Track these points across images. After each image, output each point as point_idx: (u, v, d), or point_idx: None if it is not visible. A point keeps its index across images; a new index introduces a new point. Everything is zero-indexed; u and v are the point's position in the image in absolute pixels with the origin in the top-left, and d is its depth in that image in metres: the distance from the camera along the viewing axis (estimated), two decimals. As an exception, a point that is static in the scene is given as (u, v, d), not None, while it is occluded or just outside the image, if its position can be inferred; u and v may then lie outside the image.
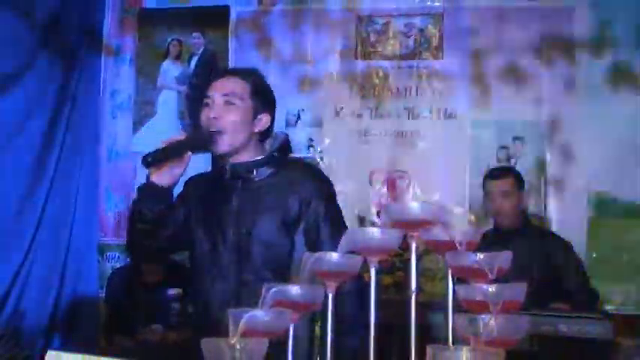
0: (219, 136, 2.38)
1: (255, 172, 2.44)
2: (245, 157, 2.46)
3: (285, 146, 2.55)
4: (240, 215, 2.41)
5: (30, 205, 4.74)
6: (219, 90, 2.44)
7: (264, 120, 2.48)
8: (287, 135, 2.61)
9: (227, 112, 2.41)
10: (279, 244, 2.39)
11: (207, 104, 2.44)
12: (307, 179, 2.48)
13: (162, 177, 2.37)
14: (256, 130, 2.47)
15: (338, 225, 2.43)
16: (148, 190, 2.40)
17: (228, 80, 2.48)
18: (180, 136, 2.45)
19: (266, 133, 2.52)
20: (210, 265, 2.43)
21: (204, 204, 2.50)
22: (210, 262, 2.43)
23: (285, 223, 2.40)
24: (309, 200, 2.41)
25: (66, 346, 4.58)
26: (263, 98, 2.50)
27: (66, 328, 4.79)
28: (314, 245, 2.35)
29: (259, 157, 2.47)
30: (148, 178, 2.39)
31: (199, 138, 2.43)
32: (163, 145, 2.36)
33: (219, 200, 2.46)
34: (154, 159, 2.30)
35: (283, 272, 2.31)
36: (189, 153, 2.36)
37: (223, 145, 2.40)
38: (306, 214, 2.41)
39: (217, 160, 2.52)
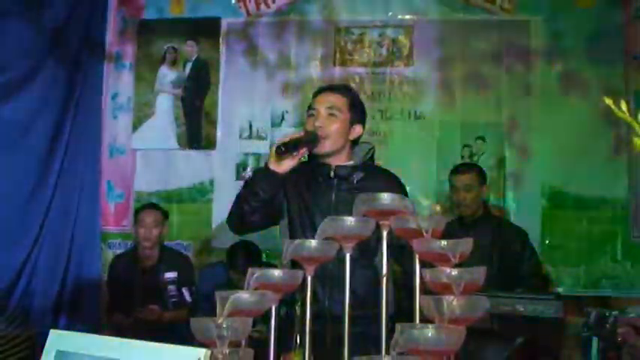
0: (323, 140, 2.51)
1: (354, 175, 2.56)
2: (340, 159, 2.59)
3: (373, 155, 2.68)
4: (338, 209, 2.48)
5: (38, 197, 4.70)
6: (323, 103, 2.58)
7: (357, 129, 2.62)
8: (373, 146, 2.71)
9: (330, 121, 2.54)
10: (370, 240, 2.46)
11: (312, 114, 2.58)
12: (394, 186, 2.55)
13: (280, 165, 2.47)
14: (351, 138, 2.61)
15: None
16: (265, 174, 2.51)
17: (330, 95, 2.61)
18: (299, 134, 2.55)
19: (356, 141, 2.65)
20: None
21: (301, 192, 2.60)
22: None
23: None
24: None
25: (71, 325, 4.55)
26: (358, 111, 2.64)
27: (71, 309, 4.75)
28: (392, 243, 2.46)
29: (352, 162, 2.60)
30: (265, 164, 2.51)
31: (313, 138, 2.51)
32: (291, 139, 2.48)
33: (320, 193, 2.56)
34: (287, 149, 2.43)
35: (371, 257, 2.39)
36: (306, 149, 2.49)
37: (325, 147, 2.54)
38: None
39: (315, 158, 2.61)
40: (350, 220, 1.46)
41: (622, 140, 4.52)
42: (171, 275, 4.24)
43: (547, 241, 4.56)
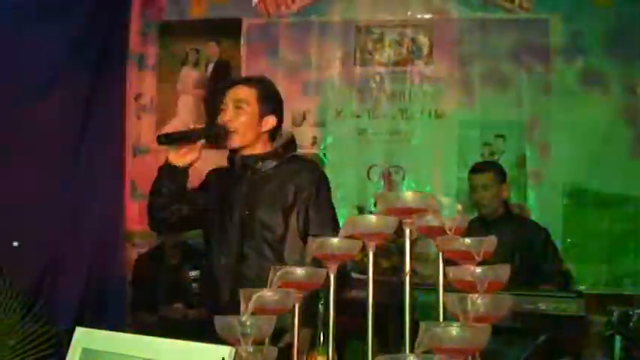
0: (231, 134, 2.50)
1: (261, 164, 2.53)
2: (255, 151, 2.55)
3: (291, 143, 2.62)
4: (246, 200, 2.51)
5: (63, 197, 4.72)
6: (231, 97, 2.56)
7: (270, 121, 2.57)
8: (292, 134, 2.68)
9: (237, 115, 2.52)
10: (276, 226, 2.46)
11: (222, 109, 2.56)
12: (303, 170, 2.55)
13: (178, 159, 2.45)
14: (263, 130, 2.56)
15: (325, 210, 2.52)
16: (166, 169, 2.49)
17: (239, 88, 2.59)
18: (197, 126, 2.57)
19: (275, 132, 2.60)
20: (219, 243, 2.52)
21: (220, 190, 2.60)
22: (219, 240, 2.52)
23: (282, 208, 2.48)
24: (302, 188, 2.49)
25: (96, 324, 4.56)
26: (269, 102, 2.59)
27: (96, 308, 4.77)
28: (303, 227, 2.47)
29: (266, 151, 2.56)
30: (166, 159, 2.47)
31: (214, 131, 2.52)
32: (181, 131, 2.52)
33: (230, 187, 2.55)
34: (167, 139, 2.41)
35: (279, 250, 2.45)
36: (203, 141, 2.44)
37: (235, 141, 2.52)
38: (299, 201, 2.49)
39: (231, 153, 2.59)
40: (372, 219, 1.45)
41: (643, 137, 4.49)
42: (195, 273, 4.25)
43: (568, 240, 4.51)
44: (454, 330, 1.16)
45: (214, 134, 2.50)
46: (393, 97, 4.86)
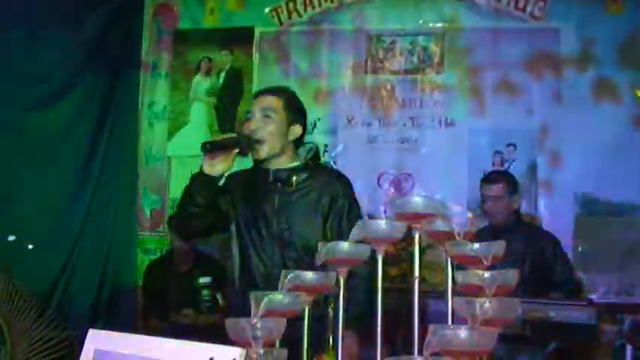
0: (259, 144, 2.51)
1: (293, 178, 2.56)
2: (282, 161, 2.58)
3: (316, 155, 2.68)
4: (281, 212, 2.54)
5: (77, 204, 4.76)
6: (258, 105, 2.58)
7: (296, 130, 2.60)
8: (317, 145, 2.74)
9: (265, 124, 2.53)
10: (314, 236, 2.47)
11: (248, 118, 2.61)
12: (336, 181, 2.62)
13: (213, 168, 2.45)
14: (290, 139, 2.59)
15: (357, 217, 2.50)
16: (200, 178, 2.49)
17: (265, 97, 2.60)
18: (230, 135, 2.56)
19: (299, 141, 2.64)
20: (257, 253, 2.54)
21: (247, 199, 2.61)
22: (257, 251, 2.55)
23: (318, 218, 2.54)
24: (336, 199, 2.57)
25: (107, 329, 4.59)
26: (295, 111, 2.62)
27: (108, 312, 4.81)
28: (339, 235, 2.46)
29: (295, 164, 2.60)
30: (201, 168, 2.48)
31: (245, 141, 2.50)
32: (222, 139, 2.51)
33: (262, 199, 2.57)
34: (212, 146, 2.41)
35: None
36: (237, 151, 2.45)
37: (263, 151, 2.53)
38: (334, 210, 2.55)
39: (257, 163, 2.62)
40: (382, 224, 1.46)
41: (655, 145, 4.47)
42: (205, 280, 4.27)
43: (579, 248, 4.50)
44: (462, 332, 1.17)
45: (247, 144, 2.50)
46: (404, 105, 4.87)
